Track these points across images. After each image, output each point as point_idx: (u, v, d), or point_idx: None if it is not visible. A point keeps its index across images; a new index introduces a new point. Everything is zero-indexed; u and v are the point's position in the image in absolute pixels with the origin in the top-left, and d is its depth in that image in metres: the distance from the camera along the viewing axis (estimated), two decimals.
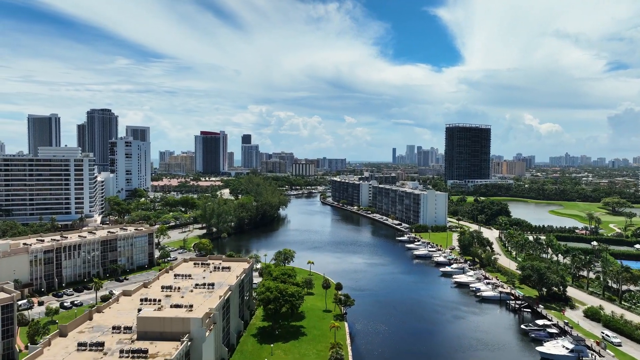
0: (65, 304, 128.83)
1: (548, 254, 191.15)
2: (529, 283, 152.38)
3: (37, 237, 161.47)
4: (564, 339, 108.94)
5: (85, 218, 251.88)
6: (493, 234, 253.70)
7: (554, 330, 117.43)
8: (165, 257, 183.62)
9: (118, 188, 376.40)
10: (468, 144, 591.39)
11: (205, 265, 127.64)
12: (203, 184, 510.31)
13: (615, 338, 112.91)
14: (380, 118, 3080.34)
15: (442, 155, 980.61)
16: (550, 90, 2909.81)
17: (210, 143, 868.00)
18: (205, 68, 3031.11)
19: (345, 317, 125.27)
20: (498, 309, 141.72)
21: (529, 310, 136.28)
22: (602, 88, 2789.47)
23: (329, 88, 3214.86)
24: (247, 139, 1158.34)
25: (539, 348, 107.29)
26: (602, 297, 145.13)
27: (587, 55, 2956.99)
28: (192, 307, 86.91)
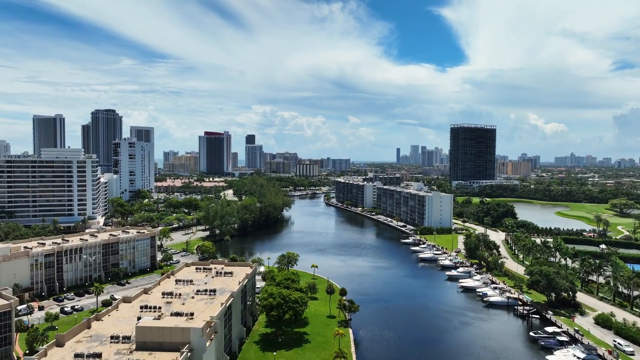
0: (66, 309, 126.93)
1: (556, 258, 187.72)
2: (537, 288, 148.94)
3: (38, 240, 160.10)
4: (575, 348, 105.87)
5: (88, 220, 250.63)
6: (499, 237, 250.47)
7: (564, 338, 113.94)
8: (168, 260, 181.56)
9: (121, 189, 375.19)
10: (473, 145, 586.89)
11: (207, 270, 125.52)
12: (207, 185, 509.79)
13: (628, 347, 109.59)
14: (384, 118, 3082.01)
15: (446, 156, 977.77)
16: (556, 90, 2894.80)
17: (214, 143, 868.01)
18: (210, 68, 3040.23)
19: (350, 323, 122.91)
20: (506, 315, 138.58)
21: (538, 317, 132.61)
22: (607, 87, 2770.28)
23: (333, 88, 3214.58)
24: (251, 139, 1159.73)
25: (549, 357, 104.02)
26: (612, 303, 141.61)
27: (592, 55, 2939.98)
28: (192, 315, 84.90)
